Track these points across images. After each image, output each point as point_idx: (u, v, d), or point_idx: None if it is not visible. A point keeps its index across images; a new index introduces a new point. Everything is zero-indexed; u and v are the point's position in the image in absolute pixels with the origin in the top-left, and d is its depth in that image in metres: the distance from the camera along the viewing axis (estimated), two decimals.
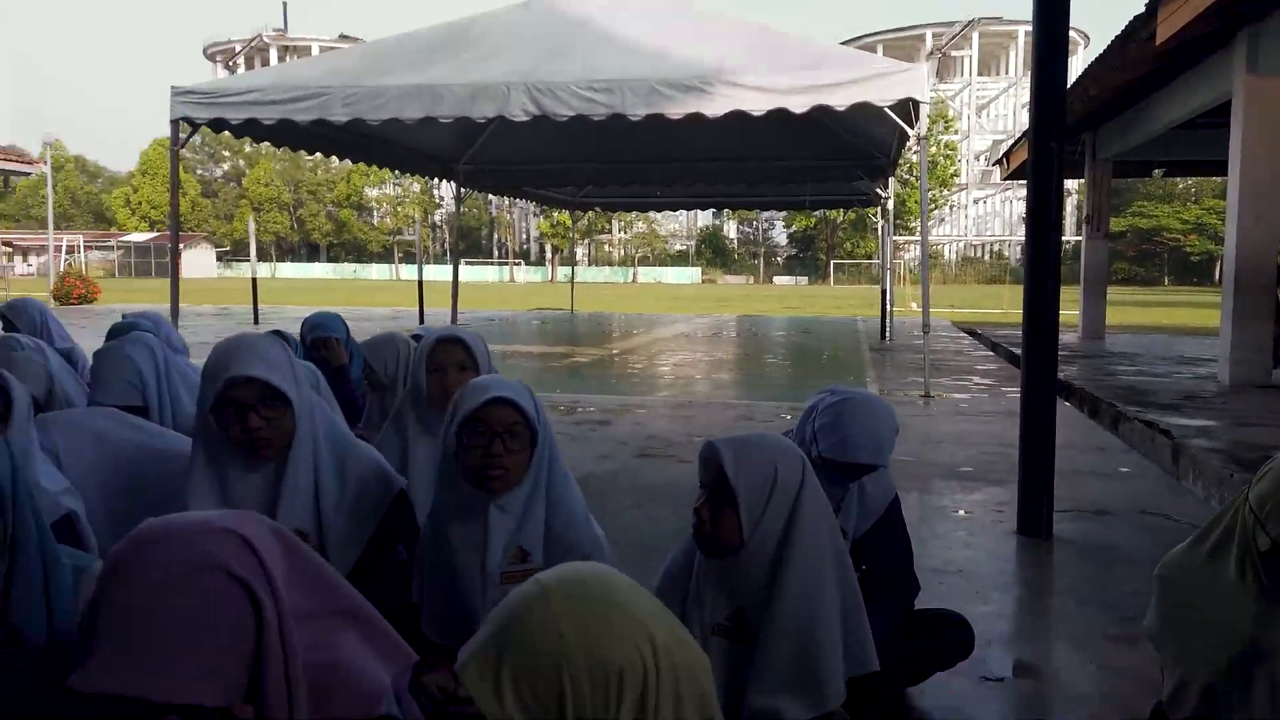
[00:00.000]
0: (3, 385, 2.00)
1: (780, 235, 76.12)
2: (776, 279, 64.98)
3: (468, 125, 8.17)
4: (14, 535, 1.35)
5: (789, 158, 14.09)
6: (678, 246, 76.80)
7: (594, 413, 6.92)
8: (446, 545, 1.99)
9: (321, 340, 4.02)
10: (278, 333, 3.82)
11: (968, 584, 3.19)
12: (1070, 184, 34.01)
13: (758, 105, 7.45)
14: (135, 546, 1.11)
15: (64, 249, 38.86)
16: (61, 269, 24.61)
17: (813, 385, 8.84)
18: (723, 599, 1.79)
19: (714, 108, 7.48)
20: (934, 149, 52.54)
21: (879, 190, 14.44)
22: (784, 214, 62.93)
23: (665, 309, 24.96)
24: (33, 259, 52.54)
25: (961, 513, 4.17)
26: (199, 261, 63.42)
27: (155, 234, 61.95)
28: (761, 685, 1.71)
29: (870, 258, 54.61)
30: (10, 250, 52.27)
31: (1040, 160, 3.73)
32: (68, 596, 1.40)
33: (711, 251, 73.63)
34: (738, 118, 7.53)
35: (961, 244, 64.74)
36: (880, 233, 15.56)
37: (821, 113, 7.69)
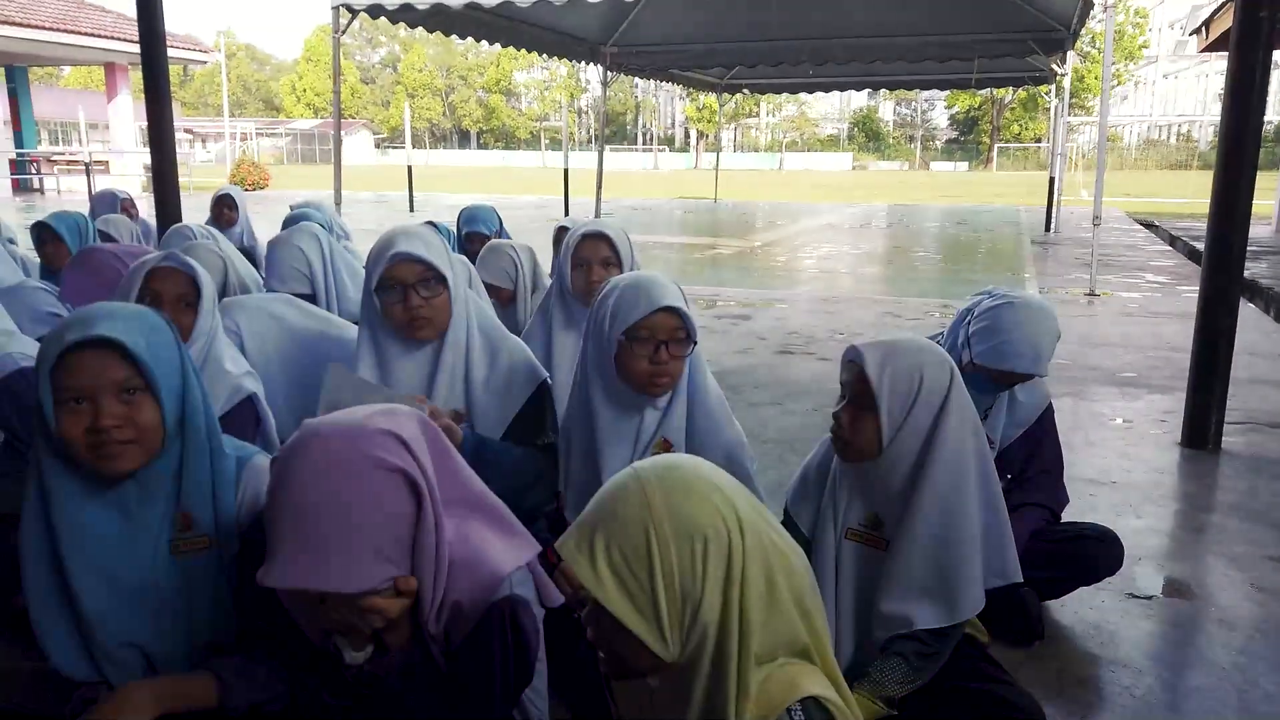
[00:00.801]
0: (191, 274, 2.17)
1: (940, 117, 71.64)
2: (934, 165, 61.67)
3: (616, 6, 8.00)
4: (185, 424, 1.48)
5: (956, 31, 13.08)
6: (829, 130, 73.67)
7: (734, 306, 6.89)
8: (595, 435, 2.04)
9: (476, 234, 4.15)
10: (432, 224, 3.96)
11: (1122, 497, 3.05)
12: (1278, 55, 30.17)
13: None
14: (303, 448, 1.21)
15: (238, 137, 41.15)
16: (236, 156, 26.10)
17: (965, 281, 8.51)
18: (858, 502, 1.79)
19: None
20: (1122, 17, 47.62)
21: (1055, 66, 13.27)
22: (945, 94, 59.01)
23: (813, 198, 24.22)
24: (210, 145, 55.98)
25: (1120, 420, 3.95)
26: (358, 148, 65.91)
27: (319, 121, 64.53)
28: (894, 590, 1.72)
29: (1039, 141, 50.82)
30: (191, 137, 55.88)
31: (1246, 29, 3.32)
32: (229, 488, 1.53)
33: (865, 135, 70.26)
34: None
35: (1145, 125, 59.06)
36: (1053, 113, 14.39)
37: None
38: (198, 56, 23.55)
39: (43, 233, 3.66)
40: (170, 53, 20.91)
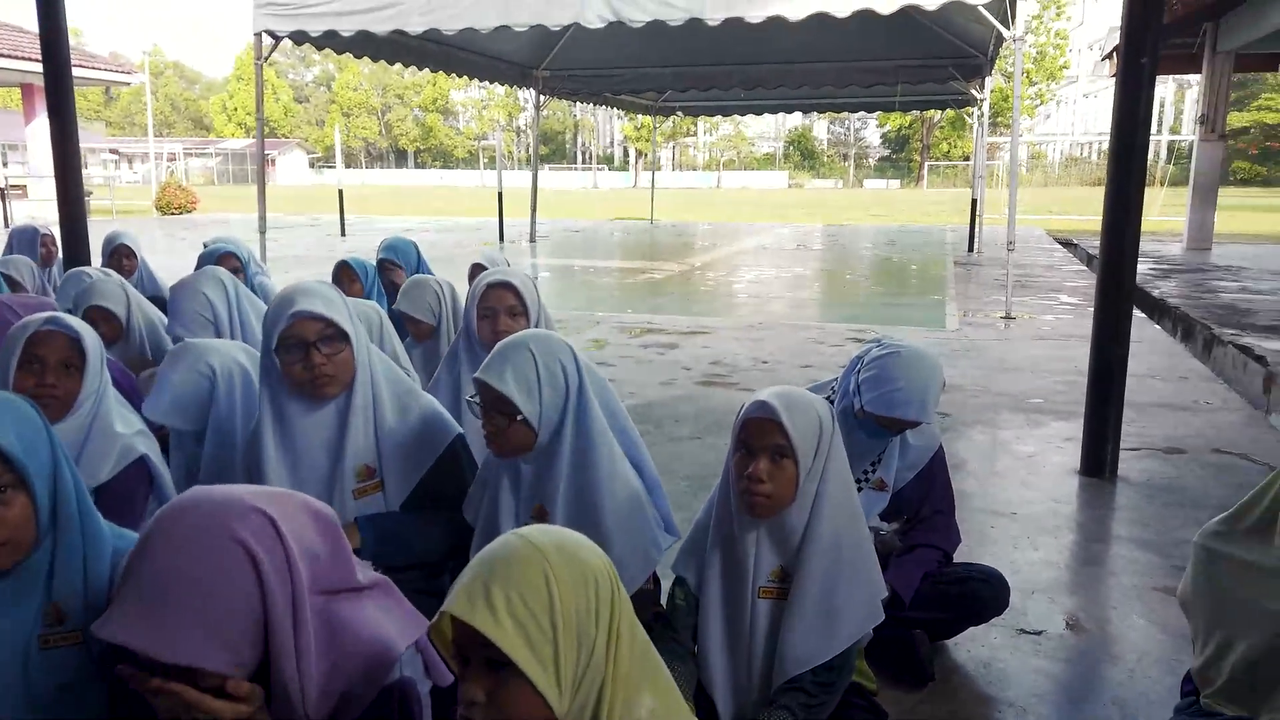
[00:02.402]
0: (75, 336, 2.11)
1: (873, 135, 73.25)
2: (867, 182, 62.96)
3: (546, 31, 8.05)
4: (57, 512, 1.45)
5: (878, 58, 13.44)
6: (765, 148, 74.77)
7: (662, 334, 6.95)
8: (492, 494, 2.05)
9: (388, 261, 4.18)
10: (345, 264, 3.94)
11: (1020, 529, 3.15)
12: (1190, 78, 31.53)
13: (841, 6, 7.10)
14: (171, 512, 1.21)
15: (166, 157, 40.18)
16: (162, 178, 25.47)
17: (889, 305, 8.68)
18: (767, 557, 1.82)
19: (795, 9, 7.17)
20: (1043, 38, 49.29)
21: (974, 92, 13.70)
22: (877, 113, 60.46)
23: (748, 217, 24.54)
24: (138, 166, 54.54)
25: (1024, 449, 4.08)
26: (292, 167, 64.86)
27: (251, 140, 63.30)
28: (792, 637, 1.76)
29: (967, 159, 52.24)
30: (117, 158, 54.39)
31: (1128, 80, 3.48)
32: (103, 578, 1.48)
33: (800, 154, 71.51)
34: (824, 20, 7.21)
35: (1067, 143, 61.17)
36: (975, 136, 14.83)
37: (909, 12, 7.29)
38: (120, 77, 22.97)
39: None
40: (92, 74, 20.43)
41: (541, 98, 15.92)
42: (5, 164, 21.08)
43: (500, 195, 16.50)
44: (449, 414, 2.31)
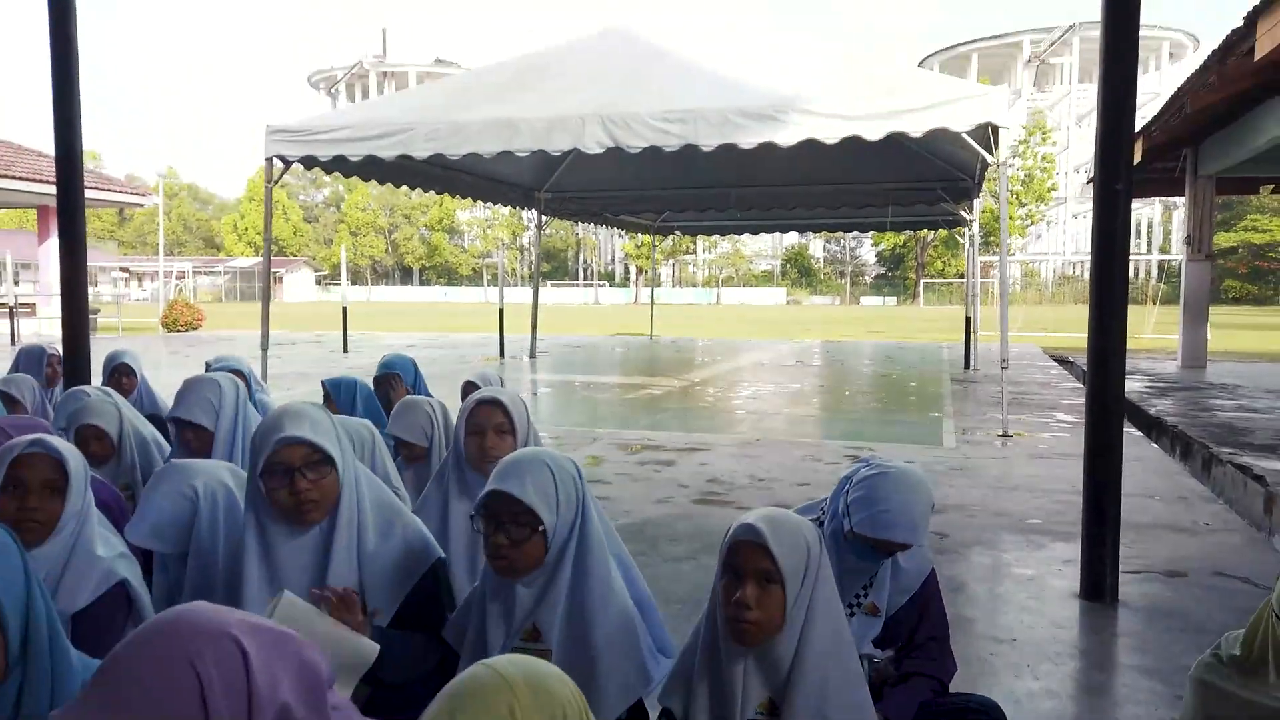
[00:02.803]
0: (59, 458, 2.12)
1: (868, 253, 74.93)
2: (864, 299, 64.00)
3: (547, 155, 8.35)
4: (27, 644, 1.42)
5: (868, 181, 13.91)
6: (763, 266, 76.34)
7: (660, 451, 6.93)
8: (483, 610, 2.02)
9: (386, 375, 4.22)
10: (334, 382, 3.97)
11: (1020, 656, 3.06)
12: (1176, 200, 32.43)
13: (831, 133, 7.39)
14: (151, 624, 1.17)
15: (174, 275, 40.99)
16: (170, 296, 25.92)
17: (886, 422, 8.66)
18: (756, 689, 1.77)
19: (786, 136, 7.45)
20: (1030, 162, 50.94)
21: (964, 213, 14.10)
22: (870, 232, 62.02)
23: (746, 334, 24.83)
24: (148, 284, 55.59)
25: (1024, 571, 4.01)
26: (300, 285, 66.07)
27: (258, 259, 64.75)
28: None
29: (961, 276, 53.26)
30: (127, 276, 55.49)
31: (1105, 207, 3.59)
32: None
33: (797, 271, 72.99)
34: (814, 145, 7.49)
35: (1060, 262, 62.45)
36: (967, 257, 15.17)
37: (897, 139, 7.57)
38: (134, 199, 23.68)
39: None
40: (107, 195, 21.10)
41: (543, 217, 16.39)
42: (16, 282, 21.46)
43: (501, 311, 16.75)
44: (433, 536, 2.30)
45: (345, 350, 17.14)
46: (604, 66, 9.04)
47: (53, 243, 21.15)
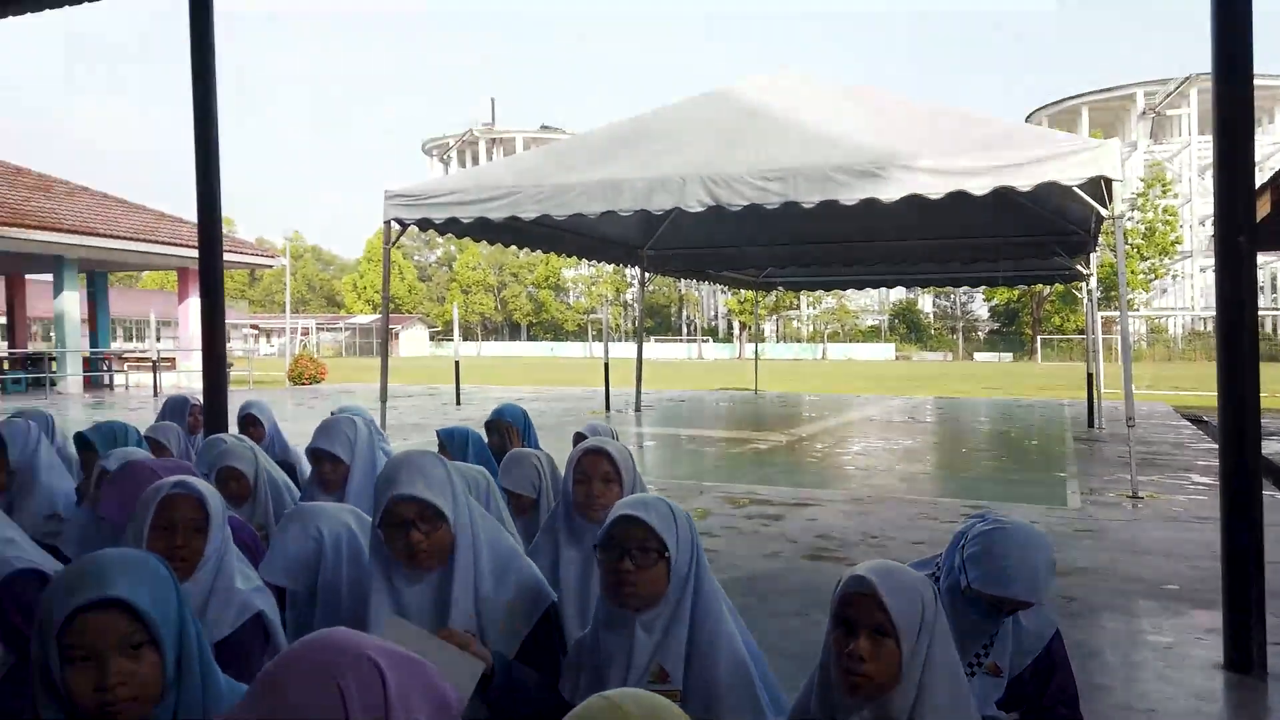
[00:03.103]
0: (200, 498, 2.26)
1: (980, 308, 72.75)
2: (977, 355, 62.03)
3: (649, 214, 8.51)
4: (182, 666, 1.52)
5: (977, 235, 13.58)
6: (870, 321, 75.03)
7: (767, 505, 6.84)
8: (599, 654, 2.05)
9: (497, 421, 4.34)
10: (449, 433, 4.09)
11: None
12: None
13: (935, 188, 7.29)
14: (298, 644, 1.25)
15: (299, 332, 43.18)
16: (296, 351, 27.31)
17: (1005, 480, 8.32)
18: None
19: (888, 192, 7.39)
20: (1151, 215, 48.88)
21: (1080, 267, 13.59)
22: (981, 287, 60.27)
23: (854, 389, 24.39)
24: (275, 340, 58.71)
25: (1162, 639, 3.76)
26: (414, 341, 68.61)
27: (377, 316, 67.65)
28: None
29: (1082, 332, 51.10)
30: (257, 332, 58.84)
31: (1227, 261, 3.42)
32: None
33: (905, 326, 71.39)
34: (918, 200, 7.40)
35: (1188, 317, 59.23)
36: (1086, 311, 14.59)
37: (1005, 193, 7.40)
38: (264, 261, 25.19)
39: (81, 443, 3.84)
40: (240, 258, 22.57)
41: (646, 274, 16.61)
42: (158, 338, 23.00)
43: (606, 366, 16.96)
44: (546, 582, 2.34)
45: (458, 403, 17.63)
46: (704, 127, 9.19)
47: (192, 302, 22.68)
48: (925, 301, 74.72)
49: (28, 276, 24.42)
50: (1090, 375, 13.46)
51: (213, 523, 2.25)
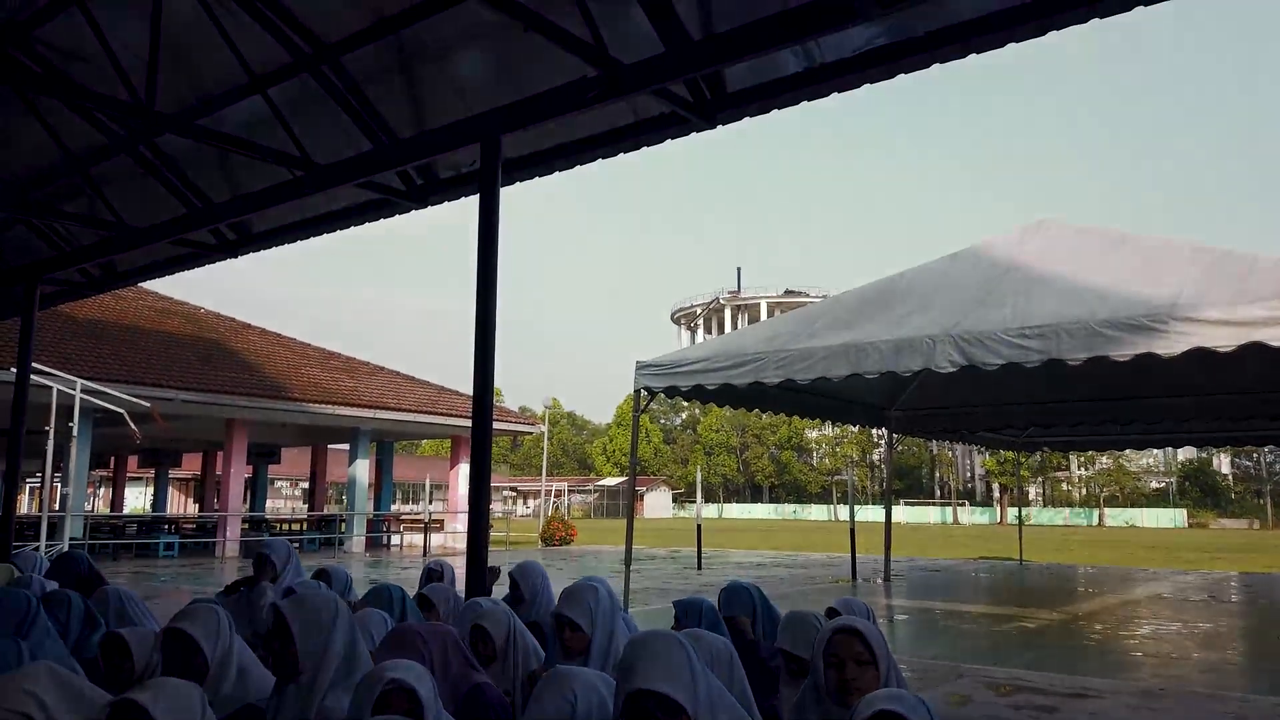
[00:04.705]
0: (410, 689, 2.34)
1: None
2: None
3: (898, 375, 8.33)
4: None
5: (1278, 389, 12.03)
6: (1154, 483, 67.33)
7: (1038, 694, 6.13)
8: None
9: (733, 619, 4.21)
10: (683, 605, 4.09)
11: None
12: None
13: (1225, 341, 6.61)
14: None
15: (552, 493, 45.44)
16: (549, 513, 28.71)
17: None
18: None
19: (1169, 347, 6.78)
20: None
21: None
22: None
23: (1138, 561, 21.74)
24: (531, 502, 62.09)
25: None
26: (658, 502, 69.93)
27: (623, 478, 69.93)
28: None
29: None
30: (515, 494, 62.60)
31: None
32: None
33: (1199, 490, 63.30)
34: (1205, 354, 6.73)
35: None
36: None
37: None
38: (526, 428, 27.12)
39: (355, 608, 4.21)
40: (506, 426, 24.42)
41: (894, 435, 16.08)
42: (431, 501, 25.09)
43: (852, 531, 16.33)
44: None
45: (699, 567, 17.56)
46: (954, 285, 9.01)
47: (462, 467, 24.66)
48: (1222, 461, 66.21)
49: (329, 446, 27.75)
50: None
51: (425, 709, 2.32)
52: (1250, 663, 7.96)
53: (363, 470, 24.18)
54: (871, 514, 39.33)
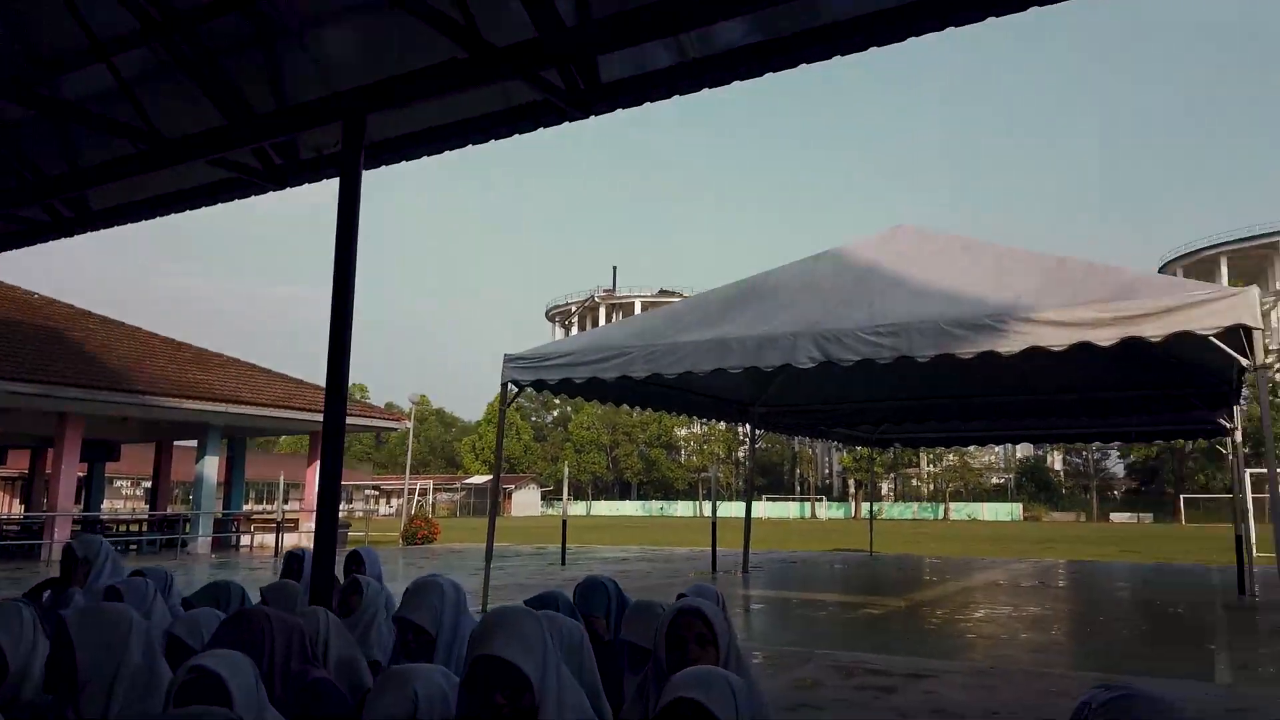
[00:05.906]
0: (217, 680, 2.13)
1: (1116, 465, 68.77)
2: (1113, 515, 58.25)
3: (760, 371, 8.56)
4: None
5: (1109, 388, 13.06)
6: (994, 480, 71.75)
7: (880, 676, 6.44)
8: None
9: (590, 616, 4.20)
10: (539, 600, 4.05)
11: None
12: None
13: (1057, 340, 7.11)
14: None
15: (416, 493, 44.41)
16: (413, 511, 28.06)
17: (1143, 654, 7.67)
18: None
19: (1008, 345, 7.24)
20: None
21: (1224, 421, 12.81)
22: (1115, 443, 57.15)
23: (978, 551, 23.11)
24: (394, 501, 60.46)
25: None
26: (527, 500, 69.35)
27: (490, 477, 69.19)
28: None
29: (1229, 491, 47.49)
30: (378, 493, 60.83)
31: None
32: None
33: (1034, 485, 67.90)
34: (1040, 353, 7.21)
35: None
36: (1233, 469, 13.64)
37: (1133, 344, 7.15)
38: (390, 425, 26.34)
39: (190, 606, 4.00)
40: (368, 422, 23.55)
41: (757, 431, 16.53)
42: (286, 500, 24.06)
43: (714, 525, 16.68)
44: None
45: (563, 563, 17.55)
46: (814, 285, 9.34)
47: (318, 464, 23.81)
48: (1055, 458, 71.23)
49: (175, 443, 26.18)
50: (1239, 538, 12.40)
51: (235, 703, 2.12)
52: (1073, 643, 8.59)
53: (211, 468, 22.93)
54: (735, 509, 40.21)
